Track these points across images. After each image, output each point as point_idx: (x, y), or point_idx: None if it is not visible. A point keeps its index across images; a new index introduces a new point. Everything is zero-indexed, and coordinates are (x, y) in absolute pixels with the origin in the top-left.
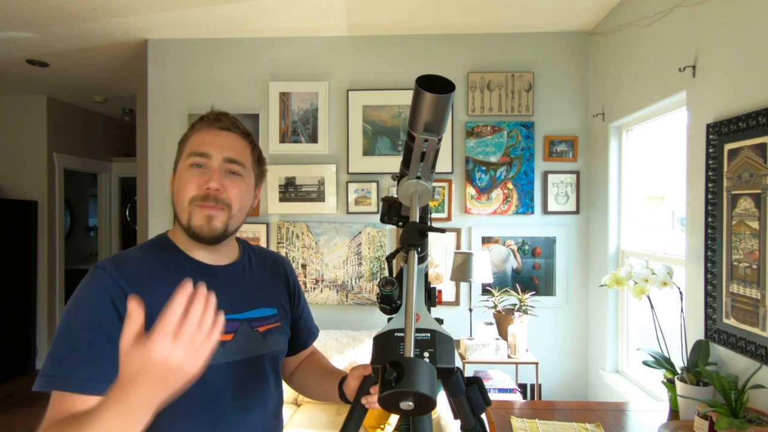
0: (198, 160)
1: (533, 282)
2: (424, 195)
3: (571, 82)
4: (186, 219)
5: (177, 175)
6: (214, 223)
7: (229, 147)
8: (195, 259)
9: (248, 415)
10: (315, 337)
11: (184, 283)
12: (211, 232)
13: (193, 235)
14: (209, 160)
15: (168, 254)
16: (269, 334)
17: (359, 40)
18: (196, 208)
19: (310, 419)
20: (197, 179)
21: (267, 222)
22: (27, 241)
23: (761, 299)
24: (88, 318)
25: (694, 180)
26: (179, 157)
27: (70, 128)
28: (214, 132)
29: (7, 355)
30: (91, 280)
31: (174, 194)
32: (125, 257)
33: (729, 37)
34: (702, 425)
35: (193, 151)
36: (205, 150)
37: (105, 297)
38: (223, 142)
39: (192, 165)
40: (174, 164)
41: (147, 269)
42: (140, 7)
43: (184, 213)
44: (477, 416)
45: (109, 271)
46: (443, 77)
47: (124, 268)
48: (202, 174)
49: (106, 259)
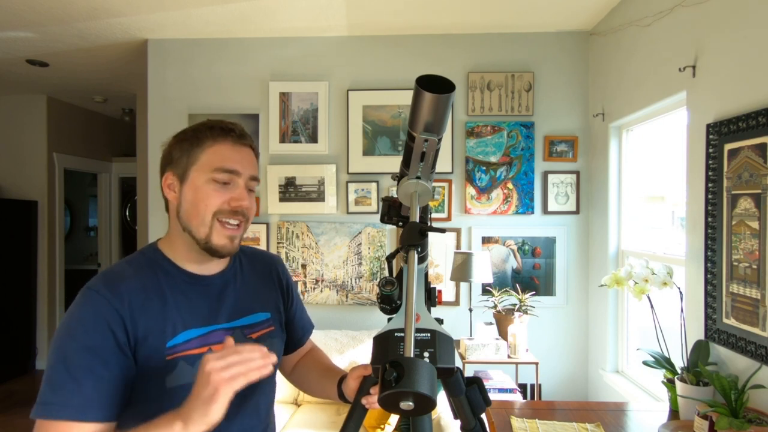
0: (226, 178)
1: (533, 282)
2: (424, 195)
3: (571, 82)
4: (205, 234)
5: (191, 186)
6: (235, 243)
7: (251, 165)
8: (187, 271)
9: (241, 421)
10: (310, 332)
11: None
12: (233, 249)
13: (211, 251)
14: (238, 178)
15: (159, 267)
16: (262, 340)
17: (359, 40)
18: (217, 225)
19: (310, 419)
20: (223, 194)
21: (267, 222)
22: (27, 241)
23: (761, 299)
24: (84, 343)
25: (694, 180)
26: (190, 163)
27: (70, 128)
28: (239, 148)
29: (7, 355)
30: (84, 303)
31: (186, 205)
32: (116, 275)
33: (729, 37)
34: (702, 425)
35: (221, 166)
36: (235, 167)
37: (101, 321)
38: (246, 160)
39: (216, 180)
40: (175, 165)
41: (140, 285)
42: (140, 7)
43: (204, 227)
44: (477, 416)
45: (103, 294)
46: (443, 77)
47: (118, 289)
48: (228, 190)
49: (97, 278)
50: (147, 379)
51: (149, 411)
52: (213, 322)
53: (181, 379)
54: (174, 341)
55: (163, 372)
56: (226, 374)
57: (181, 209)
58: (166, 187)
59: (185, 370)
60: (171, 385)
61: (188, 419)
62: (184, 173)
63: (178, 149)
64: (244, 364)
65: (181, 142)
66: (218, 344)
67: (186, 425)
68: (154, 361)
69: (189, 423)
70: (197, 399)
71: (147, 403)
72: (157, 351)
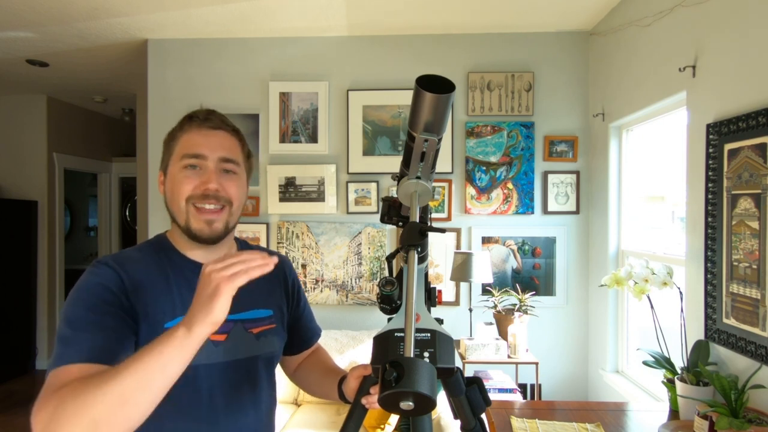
0: (192, 162)
1: (533, 282)
2: (424, 195)
3: (571, 82)
4: (184, 220)
5: (169, 176)
6: (215, 226)
7: (222, 146)
8: (192, 260)
9: (239, 416)
10: (318, 336)
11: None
12: (212, 233)
13: (193, 237)
14: (204, 161)
15: (165, 254)
16: (263, 336)
17: (359, 40)
18: (193, 210)
19: (310, 419)
20: (193, 180)
21: (267, 222)
22: (27, 241)
23: (761, 299)
24: (89, 302)
25: (694, 180)
26: (168, 157)
27: (70, 128)
28: (205, 132)
29: (7, 355)
30: (91, 271)
31: (168, 196)
32: (125, 256)
33: (729, 37)
34: (702, 425)
35: (187, 152)
36: (199, 151)
37: (106, 285)
38: (215, 142)
39: (186, 166)
40: (162, 163)
41: (145, 269)
42: (140, 7)
43: (181, 214)
44: (477, 416)
45: (110, 264)
46: (443, 77)
47: (124, 265)
48: (198, 175)
49: (106, 256)
50: None
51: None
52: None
53: None
54: (173, 323)
55: None
56: (226, 272)
57: (167, 200)
58: (160, 184)
59: None
60: None
61: (191, 321)
62: (166, 167)
63: (164, 148)
64: (244, 263)
65: (166, 140)
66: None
67: (190, 328)
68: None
69: (193, 325)
70: (199, 300)
71: None
72: (156, 330)
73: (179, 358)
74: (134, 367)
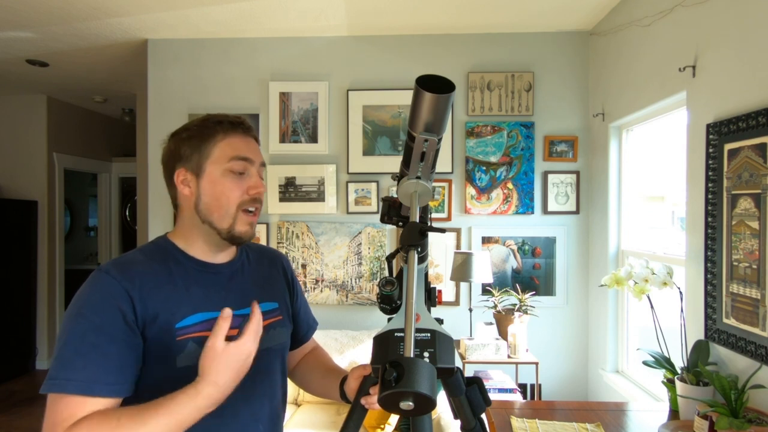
0: (244, 166)
1: (533, 282)
2: (424, 195)
3: (571, 82)
4: (229, 224)
5: (208, 178)
6: (254, 228)
7: (260, 153)
8: (196, 258)
9: (255, 406)
10: (314, 330)
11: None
12: (253, 235)
13: (233, 239)
14: (252, 166)
15: (169, 255)
16: (272, 328)
17: (359, 40)
18: (241, 215)
19: (310, 419)
20: (241, 185)
21: (267, 222)
22: (27, 241)
23: (761, 299)
24: (92, 321)
25: (694, 180)
26: (203, 158)
27: (70, 128)
28: (248, 140)
29: (7, 355)
30: (94, 283)
31: (207, 198)
32: (128, 260)
33: (729, 37)
34: (702, 425)
35: (237, 155)
36: (249, 156)
37: (109, 300)
38: (255, 149)
39: (232, 170)
40: (185, 161)
41: (150, 271)
42: (140, 7)
43: (227, 219)
44: (477, 416)
45: (113, 275)
46: (443, 77)
47: (128, 271)
48: (244, 179)
49: (109, 262)
50: (158, 360)
51: (165, 392)
52: (222, 308)
53: (191, 359)
54: (184, 323)
55: (174, 352)
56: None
57: (201, 203)
58: (180, 183)
59: (196, 351)
60: (182, 364)
61: (224, 391)
62: (199, 168)
63: (187, 146)
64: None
65: (190, 138)
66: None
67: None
68: (165, 341)
69: (222, 394)
70: (232, 375)
71: (161, 383)
72: (167, 331)
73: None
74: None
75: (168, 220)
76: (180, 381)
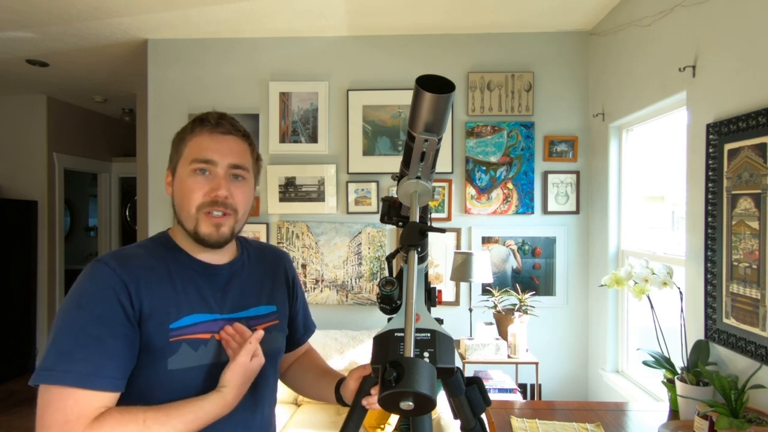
0: (202, 167)
1: (533, 282)
2: (424, 195)
3: (571, 82)
4: (192, 226)
5: (178, 179)
6: (222, 230)
7: (231, 152)
8: (196, 258)
9: (245, 412)
10: (311, 333)
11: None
12: (220, 238)
13: (201, 241)
14: (214, 167)
15: (169, 253)
16: (267, 333)
17: (359, 40)
18: (203, 216)
19: (310, 419)
20: (203, 186)
21: (267, 222)
22: (27, 241)
23: (761, 299)
24: (92, 312)
25: (694, 180)
26: (177, 158)
27: (70, 128)
28: (217, 137)
29: (7, 355)
30: (93, 273)
31: (176, 199)
32: (127, 253)
33: (729, 37)
34: (702, 425)
35: (196, 157)
36: (209, 157)
37: (109, 291)
38: (225, 148)
39: (195, 171)
40: (170, 162)
41: (148, 266)
42: (140, 7)
43: (191, 220)
44: (477, 416)
45: (112, 266)
46: (443, 77)
47: (127, 264)
48: (207, 181)
49: (107, 254)
50: (149, 361)
51: (155, 396)
52: (218, 311)
53: (183, 362)
54: (178, 323)
55: (166, 354)
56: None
57: (175, 203)
58: (167, 183)
59: (188, 354)
60: (173, 367)
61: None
62: (174, 168)
63: (173, 147)
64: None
65: (175, 139)
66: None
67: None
68: (157, 341)
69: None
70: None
71: (151, 388)
72: (161, 331)
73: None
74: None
75: (168, 221)
76: (169, 384)
